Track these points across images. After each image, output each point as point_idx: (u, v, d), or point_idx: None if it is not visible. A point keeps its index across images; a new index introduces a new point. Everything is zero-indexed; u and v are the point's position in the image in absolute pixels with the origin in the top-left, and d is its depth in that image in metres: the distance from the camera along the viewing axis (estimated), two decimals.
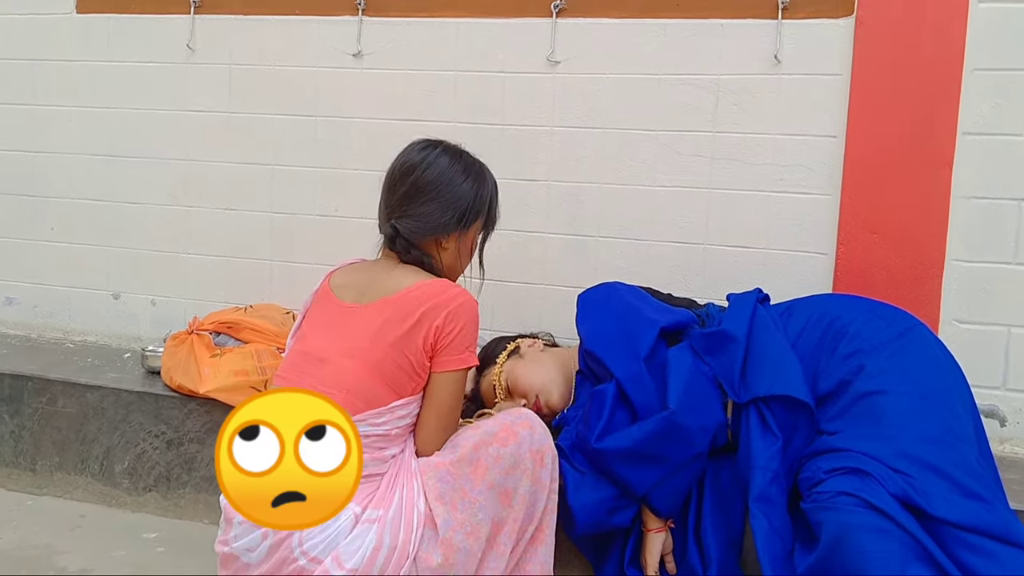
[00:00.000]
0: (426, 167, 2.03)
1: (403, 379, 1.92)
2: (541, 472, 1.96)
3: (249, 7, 3.09)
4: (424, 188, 2.02)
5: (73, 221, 3.34)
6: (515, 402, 2.36)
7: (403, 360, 1.91)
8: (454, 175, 2.05)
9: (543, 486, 1.96)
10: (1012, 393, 2.56)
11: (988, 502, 1.81)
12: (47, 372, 2.87)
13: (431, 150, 2.07)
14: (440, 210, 2.02)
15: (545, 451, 1.97)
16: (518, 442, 1.93)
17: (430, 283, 1.97)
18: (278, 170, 3.11)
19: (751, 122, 2.68)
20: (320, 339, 2.00)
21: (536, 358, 2.43)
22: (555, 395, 2.34)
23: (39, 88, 3.33)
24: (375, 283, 2.01)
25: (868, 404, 1.95)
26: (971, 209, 2.53)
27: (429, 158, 2.05)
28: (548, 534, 2.00)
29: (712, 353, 2.11)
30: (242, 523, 1.85)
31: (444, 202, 2.03)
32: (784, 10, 2.61)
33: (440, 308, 1.92)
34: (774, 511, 1.92)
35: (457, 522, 1.85)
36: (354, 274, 2.09)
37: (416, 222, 2.02)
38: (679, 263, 2.77)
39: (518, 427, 1.95)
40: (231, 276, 3.19)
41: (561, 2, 2.79)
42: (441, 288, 1.96)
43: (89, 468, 2.78)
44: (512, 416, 2.00)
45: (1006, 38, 2.47)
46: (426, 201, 2.02)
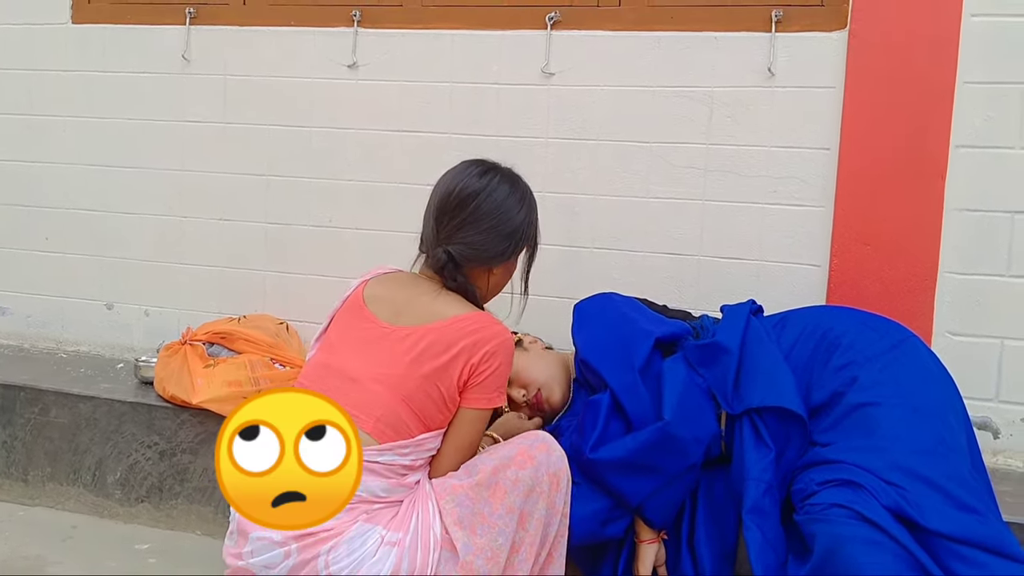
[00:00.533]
0: (487, 195, 1.98)
1: (433, 411, 1.89)
2: (556, 496, 1.92)
3: (244, 19, 3.10)
4: (483, 217, 1.97)
5: (67, 231, 3.34)
6: (521, 414, 2.34)
7: (435, 392, 1.88)
8: (512, 205, 2.01)
9: (556, 510, 1.93)
10: (1005, 405, 2.56)
11: (981, 514, 1.81)
12: (40, 382, 2.87)
13: (491, 177, 2.01)
14: (497, 240, 1.99)
15: (561, 475, 1.93)
16: (535, 465, 1.89)
17: (472, 317, 1.92)
18: (272, 181, 3.11)
19: (745, 134, 2.69)
20: (350, 356, 1.94)
21: (540, 354, 2.43)
22: (557, 393, 2.33)
23: (34, 98, 3.33)
24: (414, 305, 1.96)
25: (861, 416, 1.95)
26: (964, 221, 2.54)
27: (490, 186, 1.99)
28: (558, 558, 1.96)
29: (706, 364, 2.12)
30: (260, 539, 1.80)
31: (501, 232, 1.99)
32: (778, 23, 2.63)
33: (480, 345, 1.88)
34: (767, 523, 1.92)
35: (477, 547, 1.81)
36: (391, 288, 2.03)
37: (471, 250, 1.97)
38: (673, 274, 2.77)
39: (535, 450, 1.91)
40: (225, 286, 3.19)
41: (556, 14, 2.80)
42: (483, 324, 1.91)
43: (81, 479, 2.77)
44: (529, 440, 1.94)
45: (998, 51, 2.49)
46: (486, 230, 1.97)
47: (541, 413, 2.32)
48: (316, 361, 2.01)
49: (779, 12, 2.62)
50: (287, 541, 1.79)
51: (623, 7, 2.77)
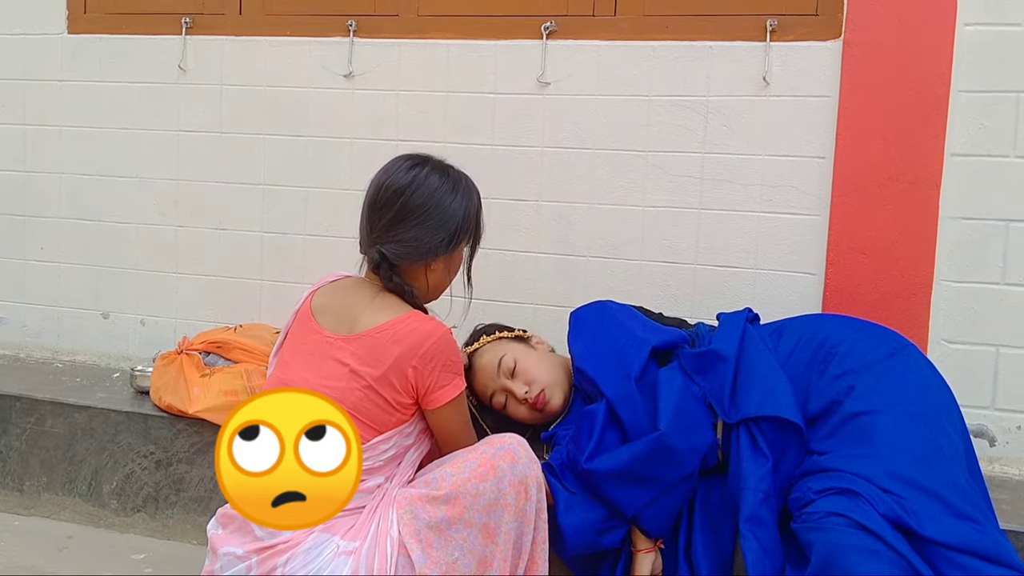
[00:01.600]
0: (415, 189, 1.94)
1: (382, 416, 1.88)
2: (526, 505, 1.87)
3: (241, 29, 3.10)
4: (413, 211, 1.93)
5: (63, 240, 3.33)
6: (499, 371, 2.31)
7: (380, 400, 1.87)
8: (443, 195, 1.96)
9: (528, 519, 1.88)
10: (1001, 413, 2.56)
11: (977, 522, 1.81)
12: (35, 392, 2.86)
13: (419, 170, 1.97)
14: (430, 233, 1.94)
15: (528, 481, 1.88)
16: (497, 477, 1.85)
17: (403, 320, 1.89)
18: (269, 190, 3.11)
19: (740, 143, 2.69)
20: (301, 370, 1.93)
21: (546, 355, 2.40)
22: (558, 396, 2.31)
23: (30, 108, 3.33)
24: (353, 312, 1.94)
25: (858, 424, 1.95)
26: (959, 229, 2.54)
27: (417, 180, 1.95)
28: (541, 564, 1.93)
29: (702, 373, 2.12)
30: (227, 554, 1.82)
31: (434, 225, 1.94)
32: (773, 32, 2.64)
33: (413, 351, 1.86)
34: (764, 532, 1.92)
35: (432, 560, 1.79)
36: (335, 296, 2.01)
37: (404, 247, 1.94)
38: (669, 283, 2.78)
39: (499, 460, 1.87)
40: (221, 296, 3.19)
41: (551, 24, 2.81)
42: (413, 327, 1.88)
43: (77, 489, 2.77)
44: (495, 447, 1.91)
45: (992, 60, 2.50)
46: (415, 225, 1.93)
47: (539, 413, 2.31)
48: (273, 377, 2.01)
49: (774, 22, 2.63)
50: (248, 555, 1.80)
51: (618, 17, 2.78)
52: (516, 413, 2.33)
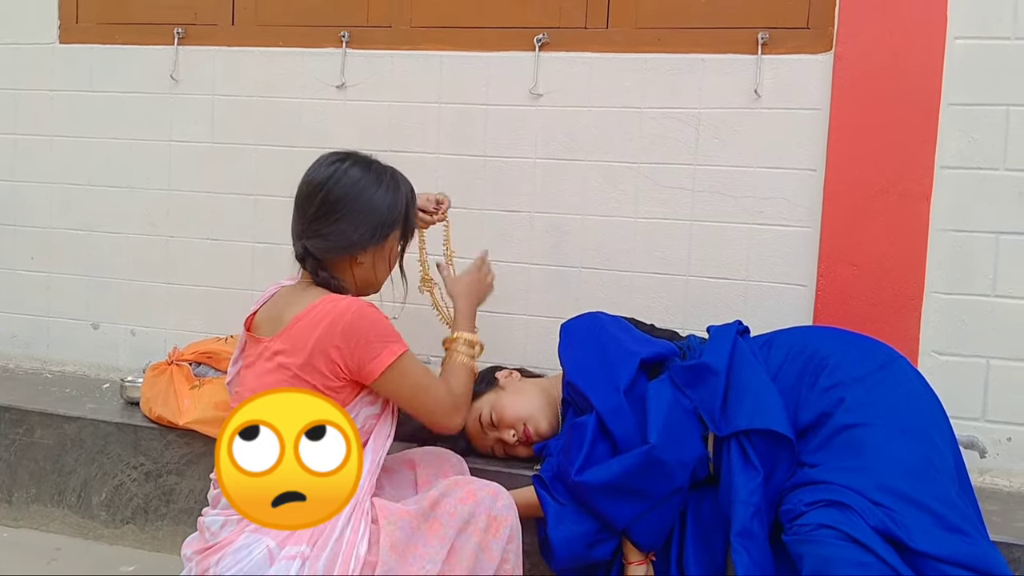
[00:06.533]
0: (335, 182, 1.96)
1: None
2: (492, 541, 1.89)
3: (233, 39, 3.11)
4: (335, 204, 1.95)
5: (53, 250, 3.33)
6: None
7: (308, 388, 1.85)
8: (365, 187, 1.97)
9: (492, 556, 1.88)
10: (991, 424, 2.57)
11: (968, 534, 1.81)
12: (24, 403, 2.84)
13: (339, 165, 1.99)
14: (353, 226, 1.95)
15: (503, 522, 1.90)
16: (476, 502, 1.89)
17: (319, 303, 1.89)
18: (260, 200, 3.11)
19: (731, 155, 2.70)
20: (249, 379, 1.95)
21: (517, 388, 2.41)
22: (543, 423, 2.32)
23: (21, 117, 3.32)
24: (284, 313, 1.94)
25: (848, 437, 1.95)
26: (949, 242, 2.55)
27: (337, 174, 1.97)
28: None
29: (693, 386, 2.12)
30: (183, 557, 1.87)
31: (357, 217, 1.96)
32: (764, 45, 2.65)
33: (331, 331, 1.85)
34: (755, 546, 1.92)
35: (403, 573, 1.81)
36: (274, 302, 2.02)
37: (327, 241, 1.96)
38: (661, 294, 2.78)
39: (482, 492, 1.91)
40: (212, 306, 3.18)
41: (544, 36, 2.81)
42: (328, 308, 1.88)
43: (66, 500, 2.75)
44: (482, 483, 1.95)
45: (982, 74, 2.51)
46: (338, 219, 1.95)
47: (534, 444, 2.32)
48: (234, 396, 2.04)
49: (765, 35, 2.64)
50: (192, 556, 1.85)
51: (611, 29, 2.79)
52: (520, 453, 2.36)
